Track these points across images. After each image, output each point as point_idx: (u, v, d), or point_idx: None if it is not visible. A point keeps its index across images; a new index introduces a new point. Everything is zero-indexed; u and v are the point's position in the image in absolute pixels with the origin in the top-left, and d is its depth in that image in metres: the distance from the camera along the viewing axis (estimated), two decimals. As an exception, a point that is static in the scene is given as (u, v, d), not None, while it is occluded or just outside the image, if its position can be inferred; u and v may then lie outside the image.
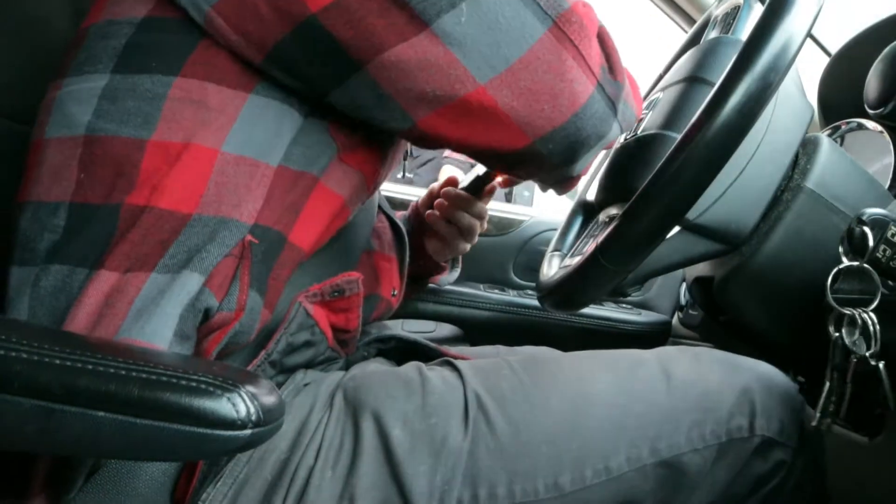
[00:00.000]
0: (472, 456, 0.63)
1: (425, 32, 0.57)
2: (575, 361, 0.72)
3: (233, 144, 0.61)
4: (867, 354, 0.55)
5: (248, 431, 0.42)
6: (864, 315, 0.56)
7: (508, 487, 0.62)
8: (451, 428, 0.63)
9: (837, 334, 0.57)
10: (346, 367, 0.76)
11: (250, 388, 0.43)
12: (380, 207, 0.99)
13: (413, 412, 0.64)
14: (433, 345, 0.88)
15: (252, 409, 0.43)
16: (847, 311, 0.57)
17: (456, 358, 0.76)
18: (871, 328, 0.56)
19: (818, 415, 0.58)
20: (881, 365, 0.55)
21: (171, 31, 0.60)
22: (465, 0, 0.57)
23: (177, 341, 0.58)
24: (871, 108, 0.81)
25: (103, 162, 0.59)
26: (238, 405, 0.42)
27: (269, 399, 0.45)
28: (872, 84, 0.81)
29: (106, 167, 0.59)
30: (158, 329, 0.57)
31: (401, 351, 0.88)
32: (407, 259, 1.00)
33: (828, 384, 0.58)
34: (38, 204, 0.60)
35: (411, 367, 0.72)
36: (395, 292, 0.97)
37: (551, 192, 0.77)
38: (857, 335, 0.56)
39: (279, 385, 0.67)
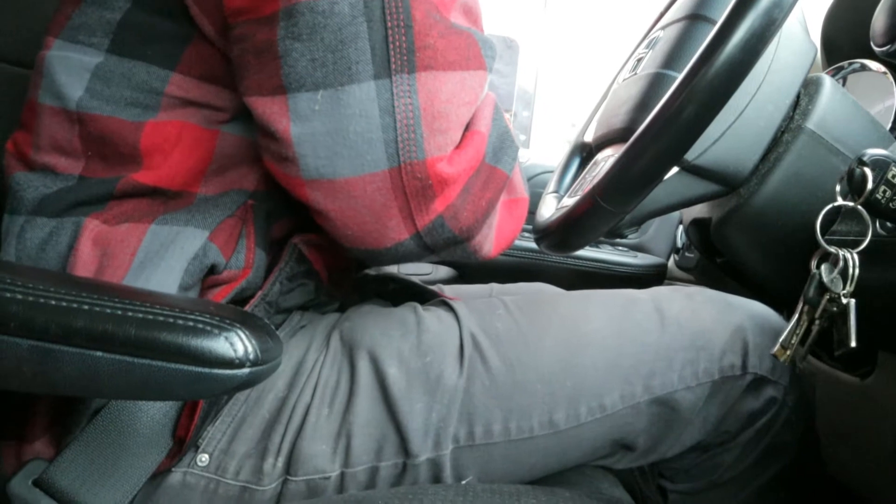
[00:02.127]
0: (468, 394, 0.64)
1: (279, 98, 0.54)
2: (569, 301, 0.73)
3: (235, 127, 0.61)
4: (841, 293, 0.56)
5: (245, 370, 0.43)
6: (847, 255, 0.56)
7: (504, 424, 0.64)
8: (446, 366, 0.64)
9: (817, 270, 0.57)
10: (342, 310, 0.77)
11: (247, 328, 0.44)
12: None
13: (408, 351, 0.65)
14: (429, 287, 0.88)
15: (249, 348, 0.43)
16: (832, 249, 0.57)
17: (451, 299, 0.76)
18: (851, 269, 0.56)
19: (777, 345, 0.59)
20: (852, 303, 0.56)
21: (165, 16, 0.58)
22: (325, 89, 0.53)
23: (181, 293, 0.58)
24: (878, 45, 0.79)
25: (102, 140, 0.59)
26: (235, 344, 0.43)
27: (267, 338, 0.45)
28: (880, 20, 0.79)
29: (106, 145, 0.59)
30: (163, 281, 0.57)
31: (397, 292, 0.88)
32: None
33: (795, 316, 0.58)
34: (46, 171, 0.60)
35: (406, 308, 0.72)
36: None
37: (548, 134, 0.77)
38: (835, 273, 0.57)
39: (277, 326, 0.67)
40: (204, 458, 0.60)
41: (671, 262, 1.48)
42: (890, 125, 0.75)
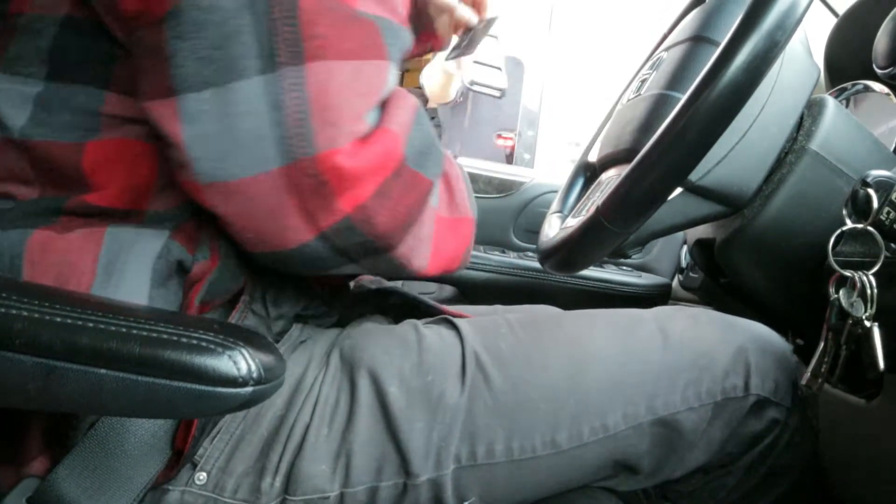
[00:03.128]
0: (470, 413, 0.64)
1: (169, 100, 0.52)
2: (573, 320, 0.73)
3: None
4: (863, 316, 0.56)
5: (249, 389, 0.43)
6: (864, 278, 0.56)
7: (506, 444, 0.64)
8: (447, 385, 0.64)
9: (836, 296, 0.57)
10: (342, 324, 0.76)
11: (251, 346, 0.44)
12: None
13: (409, 370, 0.65)
14: (432, 301, 0.88)
15: (253, 367, 0.43)
16: (848, 273, 0.57)
17: (454, 316, 0.76)
18: (870, 291, 0.56)
19: (808, 374, 0.59)
20: (875, 326, 0.56)
21: (93, 37, 0.57)
22: (212, 88, 0.51)
23: (157, 296, 0.58)
24: (880, 67, 0.80)
25: (49, 165, 0.58)
26: (239, 363, 0.43)
27: (270, 357, 0.45)
28: (882, 43, 0.80)
29: (53, 170, 0.58)
30: (134, 284, 0.57)
31: (398, 307, 0.88)
32: None
33: (822, 344, 0.58)
34: (7, 199, 0.59)
35: (407, 325, 0.72)
36: None
37: (552, 154, 0.77)
38: (855, 297, 0.56)
39: (276, 340, 0.67)
40: (202, 477, 0.60)
41: (675, 283, 1.48)
42: (893, 146, 0.75)
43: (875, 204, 0.55)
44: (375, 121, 0.57)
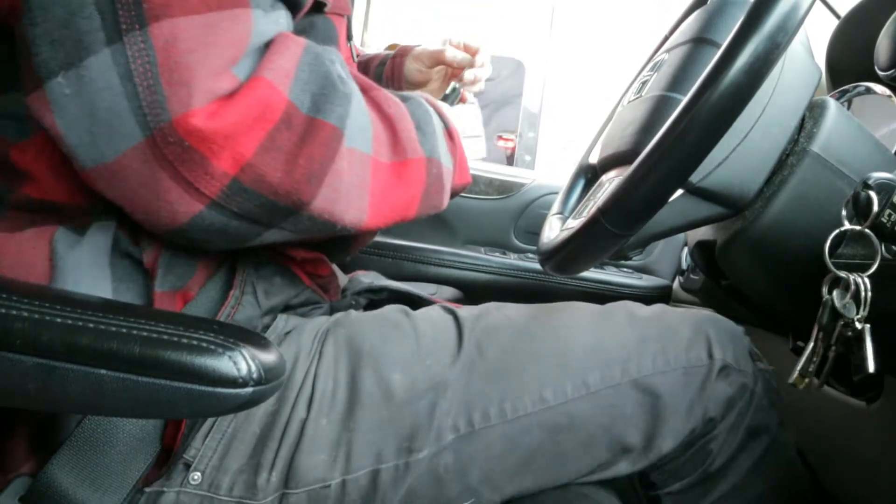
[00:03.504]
0: (467, 385, 0.67)
1: (39, 91, 0.50)
2: (556, 304, 0.79)
3: None
4: (855, 318, 0.56)
5: (249, 389, 0.43)
6: (859, 279, 0.56)
7: (499, 407, 0.67)
8: (446, 364, 0.67)
9: (829, 296, 0.57)
10: (330, 313, 0.77)
11: (251, 347, 0.44)
12: None
13: (410, 356, 0.67)
14: (425, 295, 0.89)
15: (253, 367, 0.43)
16: (842, 274, 0.57)
17: (449, 305, 0.79)
18: (864, 293, 0.56)
19: (796, 373, 0.59)
20: (867, 328, 0.56)
21: (3, 41, 0.56)
22: (68, 70, 0.49)
23: (122, 290, 0.58)
24: (882, 69, 0.80)
25: None
26: (239, 363, 0.43)
27: (270, 357, 0.45)
28: (883, 45, 0.80)
29: None
30: (95, 283, 0.57)
31: (392, 302, 0.89)
32: None
33: (811, 344, 0.59)
34: None
35: (397, 312, 0.74)
36: None
37: (553, 154, 0.78)
38: (848, 298, 0.57)
39: (262, 330, 0.68)
40: (196, 477, 0.60)
41: (676, 284, 1.48)
42: (895, 148, 0.75)
43: (875, 206, 0.55)
44: (248, 73, 0.53)
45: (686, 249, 1.44)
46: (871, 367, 0.55)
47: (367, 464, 0.63)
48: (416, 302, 0.88)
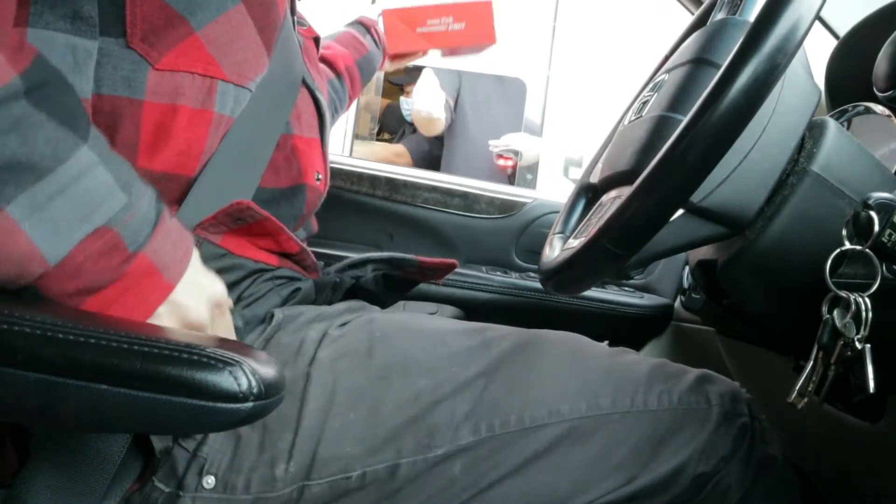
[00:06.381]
0: (489, 391, 0.69)
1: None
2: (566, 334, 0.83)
3: None
4: (855, 338, 0.56)
5: (249, 404, 0.43)
6: (859, 299, 0.56)
7: (518, 415, 0.69)
8: (470, 371, 0.70)
9: (829, 316, 0.57)
10: (317, 297, 0.81)
11: (251, 362, 0.44)
12: (304, 82, 0.86)
13: (437, 362, 0.70)
14: (409, 256, 0.92)
15: (253, 382, 0.43)
16: (843, 293, 0.57)
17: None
18: (864, 313, 0.56)
19: (794, 393, 0.59)
20: (867, 347, 0.56)
21: None
22: None
23: None
24: (881, 90, 0.80)
25: None
26: (239, 378, 0.43)
27: (270, 372, 0.45)
28: (882, 66, 0.80)
29: None
30: None
31: (378, 276, 0.93)
32: (328, 139, 0.91)
33: (811, 363, 0.59)
34: None
35: (423, 317, 0.79)
36: (320, 176, 0.88)
37: (554, 174, 0.80)
38: (848, 318, 0.57)
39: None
40: (210, 481, 0.60)
41: (677, 303, 1.48)
42: (895, 168, 0.75)
43: (876, 226, 0.55)
44: None
45: (687, 268, 1.44)
46: (872, 388, 0.55)
47: (389, 458, 0.64)
48: (401, 266, 0.92)
